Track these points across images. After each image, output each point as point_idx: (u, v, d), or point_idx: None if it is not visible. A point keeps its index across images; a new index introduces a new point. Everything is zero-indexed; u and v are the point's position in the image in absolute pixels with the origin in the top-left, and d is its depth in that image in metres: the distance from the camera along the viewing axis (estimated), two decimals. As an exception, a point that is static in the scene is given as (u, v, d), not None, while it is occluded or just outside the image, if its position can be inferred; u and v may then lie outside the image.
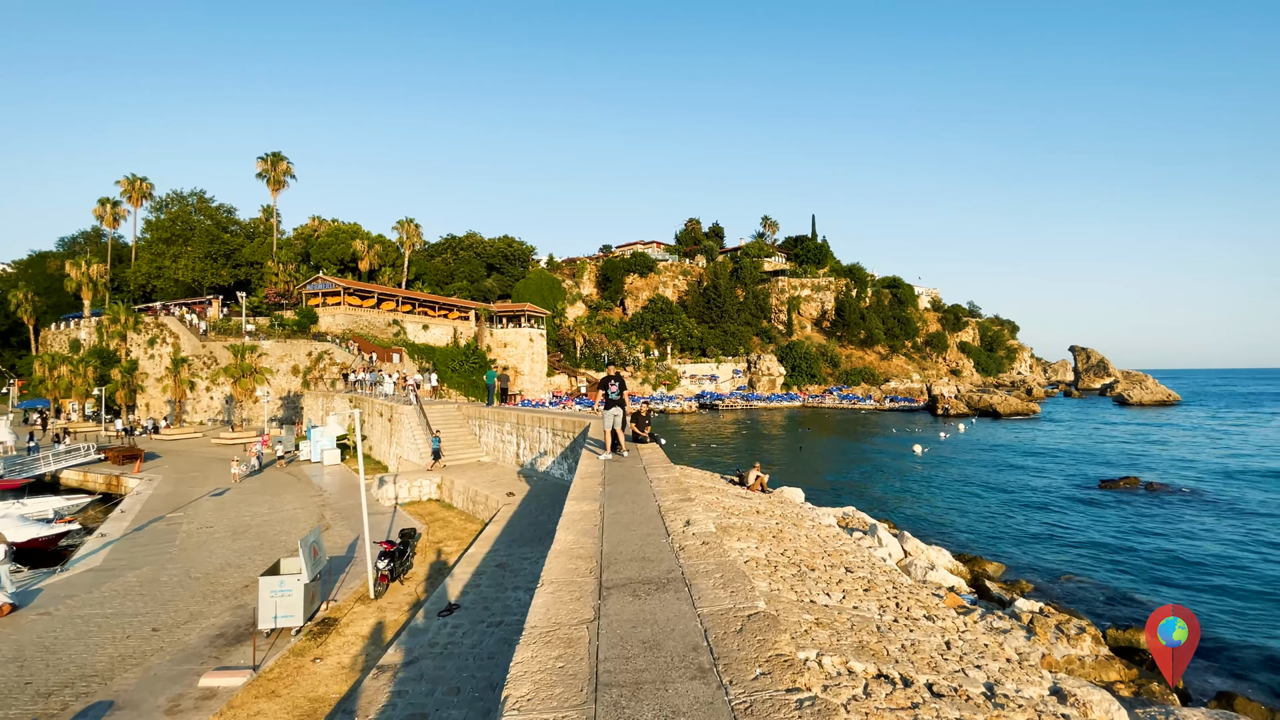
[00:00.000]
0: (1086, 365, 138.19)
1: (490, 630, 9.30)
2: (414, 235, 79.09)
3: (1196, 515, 25.72)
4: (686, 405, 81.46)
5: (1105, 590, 17.27)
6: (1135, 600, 16.63)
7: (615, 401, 10.82)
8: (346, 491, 25.27)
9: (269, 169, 73.91)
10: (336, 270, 73.39)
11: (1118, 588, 17.55)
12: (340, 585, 14.42)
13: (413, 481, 22.09)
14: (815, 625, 7.60)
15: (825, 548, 12.23)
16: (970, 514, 26.36)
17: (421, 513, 20.55)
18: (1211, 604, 16.57)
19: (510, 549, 13.11)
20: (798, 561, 10.44)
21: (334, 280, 62.41)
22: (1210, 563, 19.93)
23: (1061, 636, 10.52)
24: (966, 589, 14.53)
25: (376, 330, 62.93)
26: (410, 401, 27.67)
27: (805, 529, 13.46)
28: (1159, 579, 18.42)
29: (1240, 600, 16.97)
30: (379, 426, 31.51)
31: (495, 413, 25.10)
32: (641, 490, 7.71)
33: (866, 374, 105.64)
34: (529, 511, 16.33)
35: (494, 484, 20.54)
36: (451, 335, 69.73)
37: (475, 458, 25.54)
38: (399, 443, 27.31)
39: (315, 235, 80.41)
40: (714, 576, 4.45)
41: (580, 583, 4.45)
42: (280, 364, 54.63)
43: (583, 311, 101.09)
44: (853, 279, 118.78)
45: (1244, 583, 18.14)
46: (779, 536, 11.92)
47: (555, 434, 20.35)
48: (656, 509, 6.67)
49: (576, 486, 8.05)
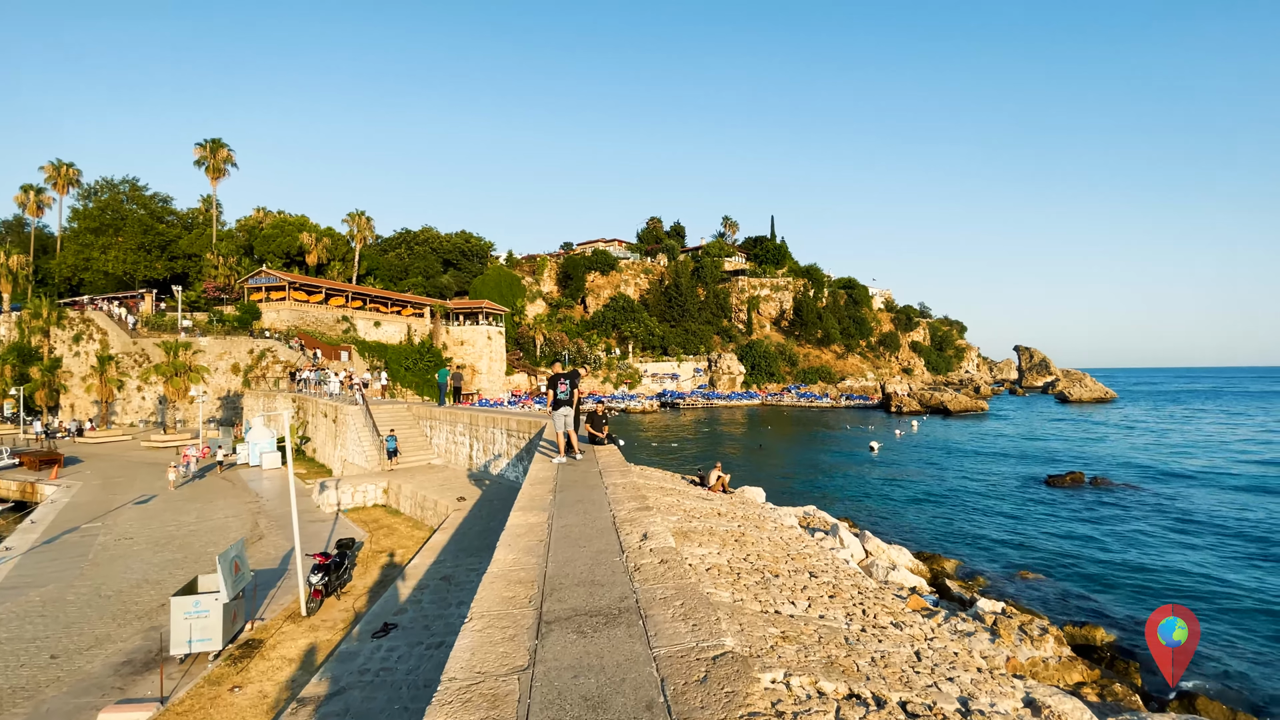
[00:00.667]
0: (1030, 364, 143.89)
1: (429, 654, 8.46)
2: (366, 228, 76.26)
3: (1138, 510, 26.54)
4: (648, 404, 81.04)
5: (1058, 586, 17.45)
6: (1086, 595, 16.83)
7: (565, 401, 10.14)
8: (285, 497, 23.67)
9: (208, 156, 70.14)
10: (282, 264, 70.12)
11: (1069, 582, 17.76)
12: (270, 601, 13.27)
13: (357, 486, 20.82)
14: (781, 640, 7.07)
15: (788, 550, 11.79)
16: (926, 511, 26.59)
17: (366, 520, 19.36)
18: (1160, 598, 16.90)
19: (457, 559, 12.24)
20: (761, 567, 9.94)
21: (278, 274, 59.53)
22: (1154, 557, 20.45)
23: (1025, 638, 10.34)
24: (928, 589, 14.37)
25: (324, 327, 60.34)
26: (356, 402, 26.25)
27: (768, 531, 13.02)
28: (1107, 573, 18.75)
29: (1188, 595, 17.37)
30: (323, 428, 29.90)
31: (448, 413, 23.97)
32: (595, 498, 7.03)
33: (823, 372, 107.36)
34: (480, 518, 15.44)
35: (444, 488, 19.50)
36: (405, 333, 67.50)
37: (426, 460, 24.36)
38: (344, 445, 25.88)
39: (259, 227, 76.66)
40: (673, 605, 3.81)
41: (516, 616, 3.75)
42: (219, 362, 51.77)
43: (543, 309, 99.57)
44: (810, 279, 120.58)
45: (1190, 577, 18.63)
46: (741, 540, 11.42)
47: (510, 435, 19.45)
48: (611, 520, 6.01)
49: (524, 494, 7.32)
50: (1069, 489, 30.69)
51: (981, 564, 19.08)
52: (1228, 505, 27.28)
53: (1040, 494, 29.79)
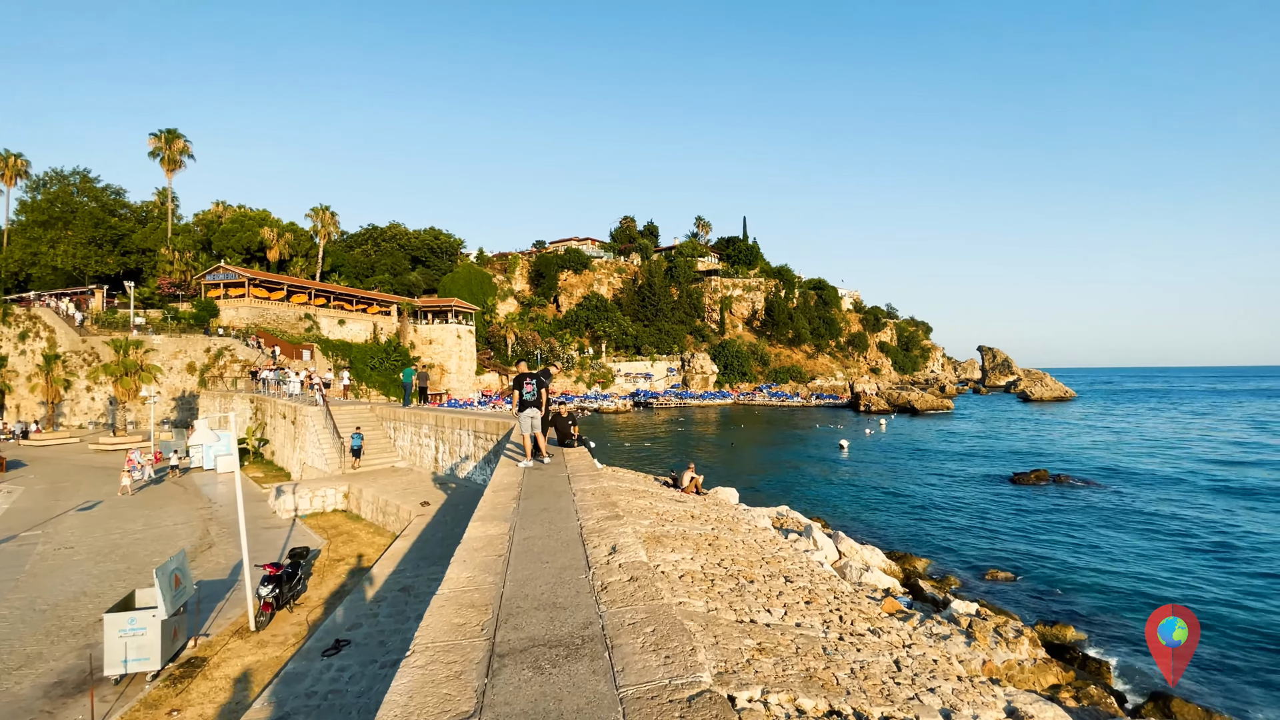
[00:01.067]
0: (993, 364, 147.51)
1: (383, 673, 7.91)
2: (330, 224, 74.11)
3: (1099, 507, 27.08)
4: (621, 404, 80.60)
5: (1026, 584, 17.57)
6: (1054, 593, 16.95)
7: (532, 402, 9.68)
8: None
9: (163, 147, 67.46)
10: (242, 260, 67.75)
11: (1037, 581, 17.91)
12: (217, 615, 12.48)
13: (315, 491, 19.95)
14: (758, 653, 6.74)
15: (763, 554, 11.50)
16: (896, 510, 26.73)
17: (325, 526, 18.52)
18: (1123, 595, 17.13)
19: (418, 568, 11.65)
20: (736, 573, 9.62)
21: (237, 270, 57.46)
22: (1116, 554, 20.79)
23: (1000, 640, 10.23)
24: (901, 589, 14.26)
25: (286, 325, 58.46)
26: (316, 402, 25.24)
27: (741, 534, 12.72)
28: (1072, 570, 18.97)
29: (1152, 595, 17.65)
30: (282, 430, 28.76)
31: (412, 414, 23.17)
32: (562, 506, 6.59)
33: (794, 372, 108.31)
34: (444, 523, 14.82)
35: (408, 492, 18.78)
36: (371, 331, 65.84)
37: (390, 463, 23.52)
38: (303, 448, 24.86)
39: (218, 222, 74.00)
40: (643, 631, 3.41)
41: (465, 648, 3.30)
42: (174, 361, 49.74)
43: (514, 308, 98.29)
44: (781, 280, 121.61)
45: (1152, 575, 18.96)
46: (715, 544, 11.09)
47: (477, 436, 18.83)
48: (578, 531, 5.57)
49: (486, 502, 6.83)
50: (1033, 486, 31.23)
51: (952, 563, 19.14)
52: (1185, 502, 28.03)
53: (1006, 492, 30.24)
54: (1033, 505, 27.26)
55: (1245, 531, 23.08)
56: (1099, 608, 16.02)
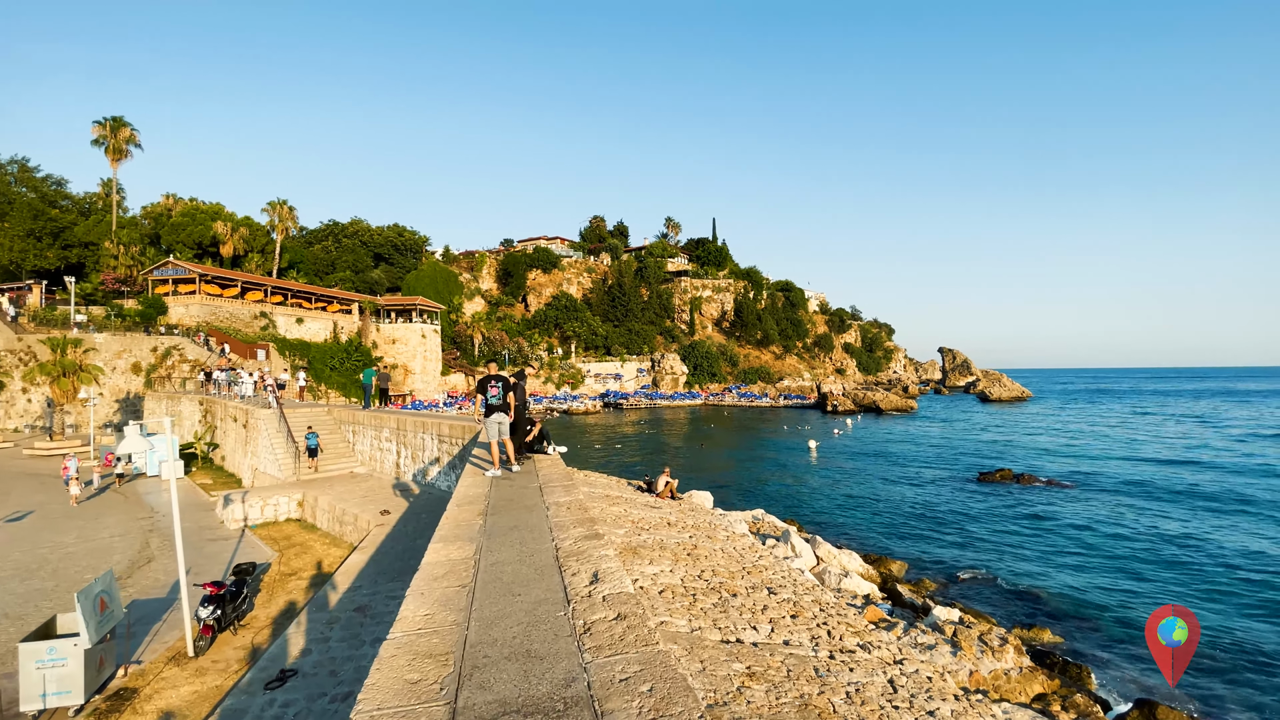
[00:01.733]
0: (953, 365, 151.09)
1: (332, 708, 7.14)
2: (288, 218, 71.47)
3: (1062, 505, 27.53)
4: (591, 404, 79.76)
5: (1000, 584, 17.55)
6: (1026, 593, 16.95)
7: (498, 406, 9.03)
8: (186, 513, 21.25)
9: (108, 135, 64.08)
10: (193, 256, 64.80)
11: (1009, 580, 17.92)
12: (153, 639, 11.42)
13: (267, 499, 18.76)
14: (749, 678, 6.23)
15: (743, 563, 11.03)
16: (868, 511, 26.70)
17: (276, 537, 17.40)
18: (1093, 592, 17.25)
19: (375, 585, 10.82)
20: (718, 585, 9.11)
21: (187, 265, 54.87)
22: (1082, 551, 21.05)
23: (986, 649, 9.97)
24: (880, 595, 13.99)
25: (240, 324, 56.05)
26: (269, 405, 23.91)
27: (720, 541, 12.24)
28: (1041, 569, 19.09)
29: (1122, 590, 17.83)
30: (233, 433, 27.25)
31: (372, 417, 22.09)
32: (534, 522, 5.95)
33: (763, 373, 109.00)
34: (405, 534, 13.97)
35: (367, 500, 17.79)
36: (331, 330, 63.66)
37: (348, 468, 22.39)
38: (255, 453, 23.52)
39: (168, 215, 70.62)
40: (638, 690, 2.83)
41: (419, 715, 2.67)
42: (118, 361, 47.10)
43: (482, 307, 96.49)
44: (750, 281, 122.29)
45: (1119, 572, 19.19)
46: (694, 554, 10.57)
47: (441, 441, 17.94)
48: (553, 554, 4.96)
49: (449, 519, 6.15)
50: (999, 485, 31.67)
51: (927, 565, 19.05)
52: (1144, 500, 28.69)
53: (974, 491, 30.57)
54: (999, 505, 27.57)
55: (1204, 528, 23.67)
56: (1069, 606, 16.06)
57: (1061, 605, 16.22)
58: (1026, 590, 17.20)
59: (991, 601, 15.96)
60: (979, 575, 18.15)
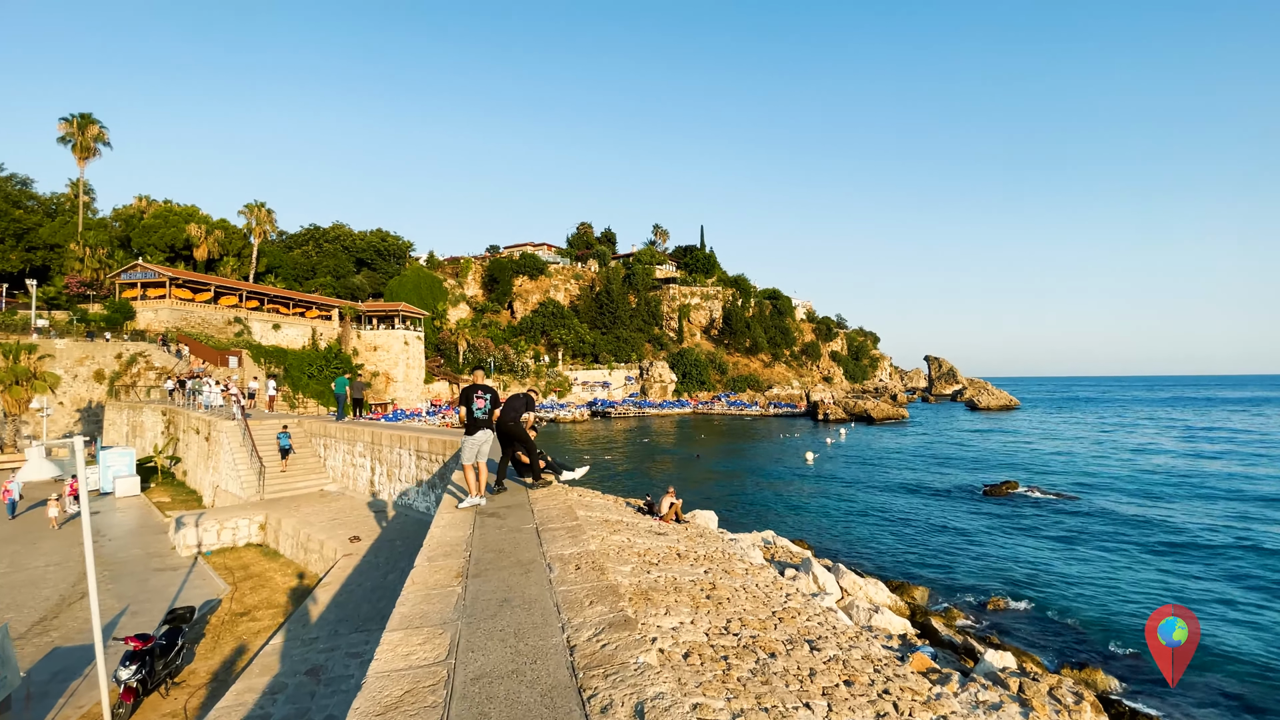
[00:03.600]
0: (939, 373, 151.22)
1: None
2: (266, 221, 69.08)
3: (1076, 519, 26.35)
4: (579, 413, 77.91)
5: (1033, 614, 16.17)
6: (1064, 624, 15.56)
7: (484, 422, 7.48)
8: (136, 536, 19.28)
9: (74, 133, 61.57)
10: (165, 259, 62.20)
11: (1041, 607, 16.55)
12: (68, 700, 9.58)
13: (225, 522, 16.85)
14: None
15: (770, 604, 9.47)
16: (876, 529, 25.30)
17: (233, 565, 15.52)
18: (1126, 615, 15.93)
19: (336, 636, 9.10)
20: (750, 641, 7.53)
21: (157, 268, 52.41)
22: (1102, 568, 19.81)
23: (1061, 709, 8.53)
24: (913, 631, 12.49)
25: (213, 329, 53.64)
26: (234, 416, 21.95)
27: (739, 576, 10.67)
28: (1067, 591, 17.78)
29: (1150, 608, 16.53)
30: (195, 447, 25.21)
31: (346, 429, 20.24)
32: (533, 593, 4.33)
33: (751, 381, 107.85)
34: (376, 566, 12.22)
35: (336, 524, 15.97)
36: (310, 336, 61.35)
37: (318, 485, 20.49)
38: (216, 468, 21.55)
39: (139, 217, 67.93)
40: None
41: None
42: (79, 368, 44.48)
43: (467, 314, 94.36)
44: (738, 289, 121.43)
45: (1148, 588, 17.91)
46: (715, 596, 8.99)
47: (420, 457, 16.20)
48: (565, 658, 3.36)
49: (416, 583, 4.52)
50: (1007, 499, 30.45)
51: (949, 590, 17.62)
52: (1156, 513, 27.60)
53: (982, 505, 29.31)
54: (1011, 520, 26.30)
55: (1225, 539, 22.55)
56: (1109, 637, 14.71)
57: (1101, 635, 14.86)
58: (1061, 619, 15.82)
59: (1030, 636, 14.52)
60: (1007, 603, 16.74)
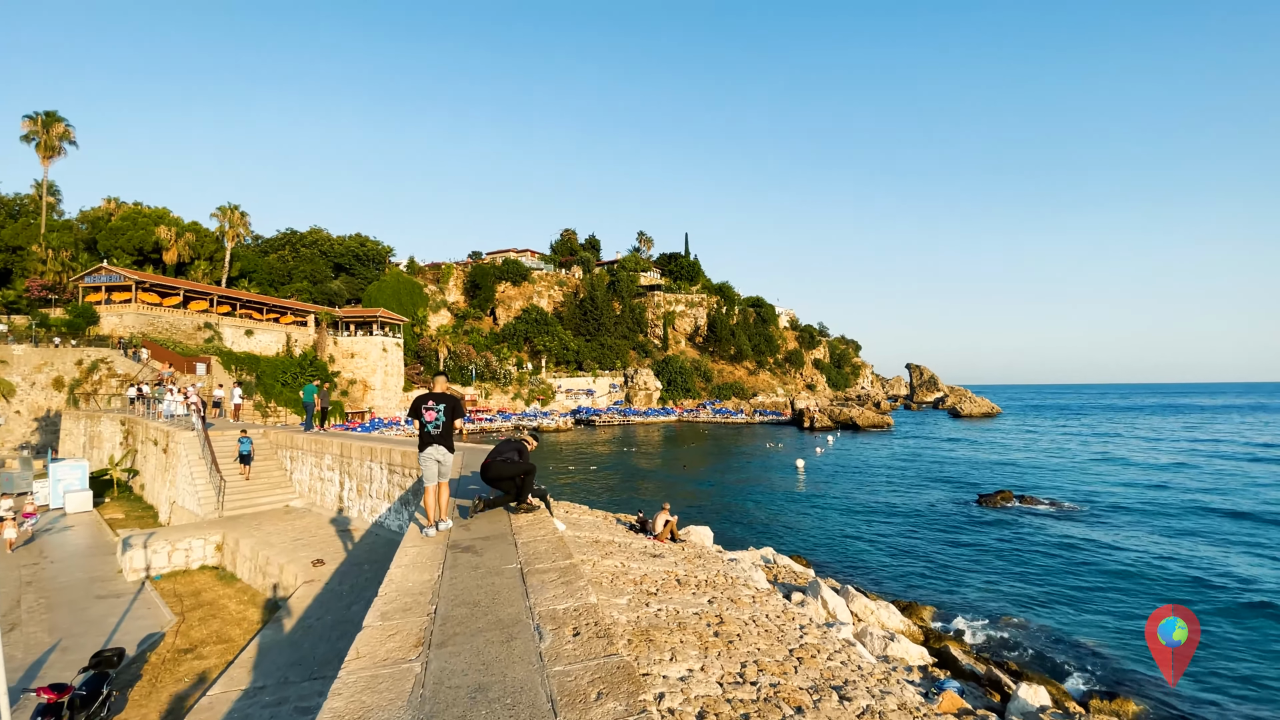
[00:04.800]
0: (920, 381, 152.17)
1: None
2: (240, 224, 67.07)
3: (1074, 529, 25.75)
4: (562, 421, 76.52)
5: (1046, 634, 15.32)
6: (1082, 645, 14.67)
7: (435, 437, 6.40)
8: (81, 558, 17.72)
9: (38, 130, 59.39)
10: (133, 262, 59.96)
11: (1055, 628, 15.70)
12: (-29, 759, 8.21)
13: (177, 542, 15.41)
14: None
15: (786, 640, 8.44)
16: (870, 540, 24.45)
17: (184, 591, 14.11)
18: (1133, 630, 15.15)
19: (284, 686, 7.87)
20: (771, 691, 6.50)
21: (123, 271, 50.32)
22: (1119, 584, 19.12)
23: (1109, 758, 7.64)
24: (930, 659, 11.53)
25: (182, 335, 51.57)
26: (193, 426, 20.46)
27: (747, 606, 9.61)
28: (1079, 608, 17.03)
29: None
30: (153, 458, 23.62)
31: (313, 441, 18.88)
32: (516, 676, 3.22)
33: (736, 388, 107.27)
34: (339, 596, 10.99)
35: (300, 544, 14.64)
36: (284, 343, 59.39)
37: (283, 501, 19.07)
38: (174, 483, 20.04)
39: (107, 219, 65.55)
40: None
41: None
42: (38, 375, 42.35)
43: (448, 320, 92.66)
44: (723, 296, 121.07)
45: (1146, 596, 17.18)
46: (724, 633, 7.94)
47: (392, 471, 14.96)
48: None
49: (360, 654, 3.42)
50: (1002, 509, 29.82)
51: (956, 608, 16.73)
52: (1153, 522, 27.11)
53: (977, 515, 28.65)
54: (1008, 531, 25.61)
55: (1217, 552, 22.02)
56: (1129, 657, 13.93)
57: (1120, 656, 14.07)
58: (1073, 637, 15.01)
59: (1048, 659, 13.64)
60: (1016, 621, 15.89)
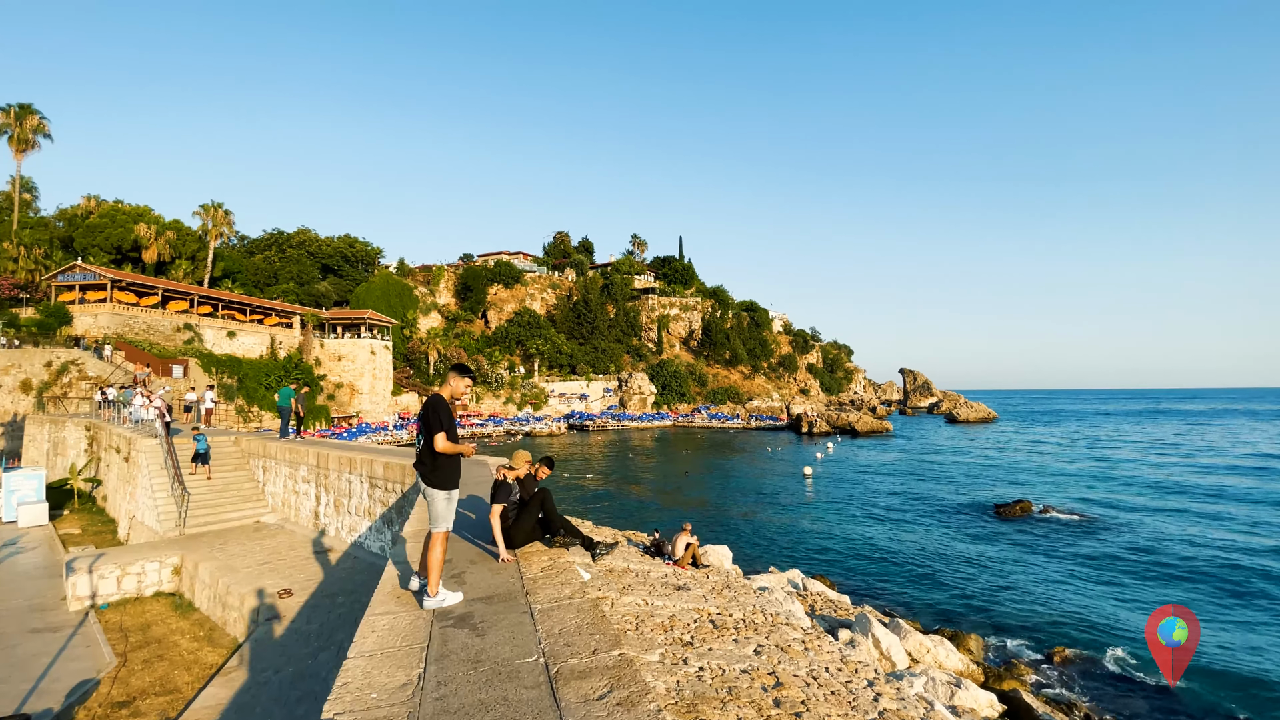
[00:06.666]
0: (913, 386, 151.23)
1: None
2: (223, 223, 64.89)
3: (1104, 544, 24.32)
4: (555, 426, 74.67)
5: (1107, 669, 13.77)
6: (1149, 686, 13.14)
7: (416, 463, 4.75)
8: (25, 581, 15.82)
9: (12, 123, 57.17)
10: (111, 261, 57.73)
11: (1115, 660, 14.16)
12: None
13: (128, 566, 13.58)
14: None
15: (859, 707, 6.80)
16: (890, 556, 22.90)
17: (131, 625, 12.28)
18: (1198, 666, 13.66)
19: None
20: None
21: (98, 270, 48.13)
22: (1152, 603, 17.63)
23: None
24: (1001, 709, 9.93)
25: (160, 336, 49.42)
26: (156, 433, 18.60)
27: (801, 657, 7.96)
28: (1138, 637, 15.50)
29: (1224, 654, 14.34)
30: (116, 468, 21.70)
31: (288, 449, 17.09)
32: None
33: (731, 393, 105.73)
34: (306, 638, 9.26)
35: (267, 568, 12.88)
36: (268, 345, 57.30)
37: (254, 516, 17.26)
38: (133, 495, 18.17)
39: (85, 217, 63.23)
40: None
41: None
42: (4, 378, 40.16)
43: (438, 323, 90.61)
44: (717, 300, 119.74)
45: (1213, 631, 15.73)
46: (786, 700, 6.30)
47: (373, 485, 13.24)
48: None
49: None
50: (1023, 521, 28.37)
51: (1001, 635, 15.21)
52: (1194, 534, 25.75)
53: (997, 528, 27.16)
54: (1035, 546, 24.16)
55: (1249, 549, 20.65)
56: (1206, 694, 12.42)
57: (1199, 694, 12.53)
58: (1135, 674, 13.47)
59: (1119, 706, 12.04)
60: (1070, 654, 14.33)
